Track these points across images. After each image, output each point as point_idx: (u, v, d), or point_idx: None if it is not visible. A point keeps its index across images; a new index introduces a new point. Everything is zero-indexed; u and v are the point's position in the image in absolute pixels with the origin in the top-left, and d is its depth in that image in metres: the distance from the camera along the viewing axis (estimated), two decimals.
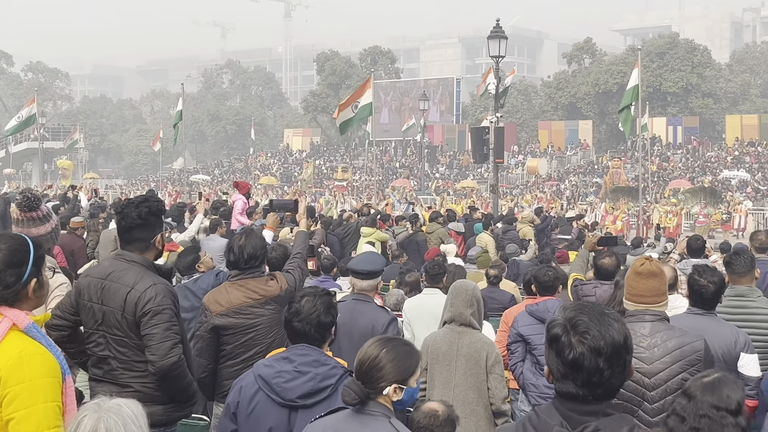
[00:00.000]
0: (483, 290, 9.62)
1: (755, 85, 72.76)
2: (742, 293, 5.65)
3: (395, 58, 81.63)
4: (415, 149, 62.76)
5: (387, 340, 3.31)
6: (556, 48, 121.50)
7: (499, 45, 23.58)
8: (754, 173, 47.59)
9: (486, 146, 23.81)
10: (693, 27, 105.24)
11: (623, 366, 2.43)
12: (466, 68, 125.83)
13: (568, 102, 65.37)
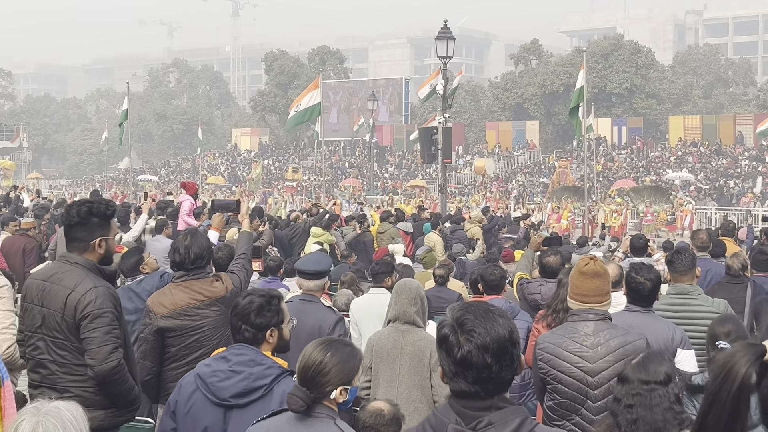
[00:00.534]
0: (430, 290, 9.68)
1: (698, 87, 74.22)
2: (684, 291, 5.75)
3: (344, 58, 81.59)
4: (365, 149, 62.83)
5: (329, 343, 3.30)
6: (504, 49, 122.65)
7: (447, 46, 23.70)
8: (696, 173, 48.52)
9: (434, 146, 23.94)
10: (637, 29, 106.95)
11: (511, 360, 2.48)
12: (414, 69, 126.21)
13: (515, 102, 65.98)
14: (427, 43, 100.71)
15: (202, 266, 5.34)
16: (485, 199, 38.95)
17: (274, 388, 3.65)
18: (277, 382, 3.67)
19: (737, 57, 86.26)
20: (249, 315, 3.82)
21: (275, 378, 3.68)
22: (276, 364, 3.76)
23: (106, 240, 4.48)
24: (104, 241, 4.47)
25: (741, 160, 50.27)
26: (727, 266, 8.05)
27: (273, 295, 3.95)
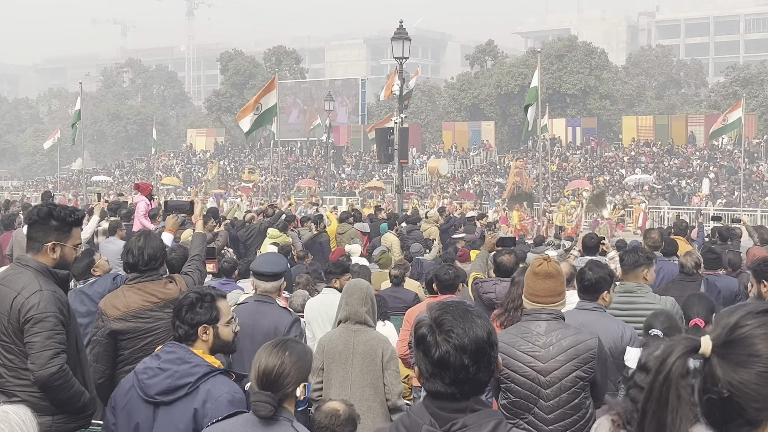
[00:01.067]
0: (387, 290, 9.72)
1: (650, 87, 75.28)
2: (631, 289, 5.85)
3: (300, 59, 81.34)
4: (321, 150, 62.70)
5: (282, 344, 3.30)
6: (460, 50, 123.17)
7: (403, 46, 23.78)
8: (649, 173, 49.18)
9: (391, 147, 23.99)
10: (591, 30, 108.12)
11: (488, 361, 2.46)
12: (371, 69, 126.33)
13: (471, 103, 66.33)
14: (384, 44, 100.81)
15: (156, 268, 5.30)
16: (444, 199, 38.83)
17: (200, 387, 3.64)
18: (204, 380, 3.66)
19: (689, 58, 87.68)
20: (180, 311, 3.83)
21: (201, 376, 3.66)
22: (204, 362, 3.73)
23: (61, 246, 4.43)
24: (58, 246, 4.42)
25: (693, 159, 51.08)
26: (680, 264, 8.19)
27: (206, 292, 3.94)
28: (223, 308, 3.92)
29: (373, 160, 54.32)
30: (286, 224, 15.30)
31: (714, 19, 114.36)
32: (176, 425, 3.63)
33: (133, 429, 3.77)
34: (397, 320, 7.80)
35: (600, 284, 5.11)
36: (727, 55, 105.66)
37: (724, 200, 42.25)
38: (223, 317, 3.88)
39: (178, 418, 3.62)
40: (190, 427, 3.60)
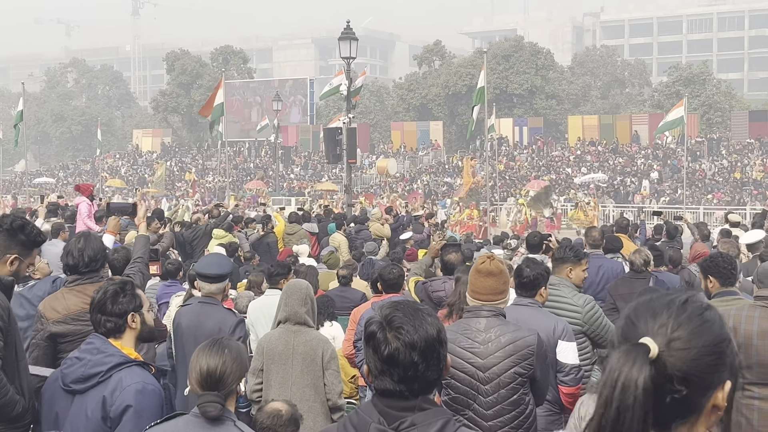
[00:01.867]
0: (334, 290, 9.73)
1: (595, 87, 76.29)
2: (552, 283, 5.96)
3: (248, 58, 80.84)
4: (270, 150, 62.41)
5: (218, 343, 3.32)
6: (408, 50, 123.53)
7: (350, 46, 23.78)
8: (595, 171, 49.85)
9: (339, 147, 23.97)
10: (537, 31, 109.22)
11: (437, 359, 2.47)
12: (319, 69, 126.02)
13: (419, 103, 66.57)
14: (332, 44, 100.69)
15: (96, 270, 5.25)
16: (406, 199, 38.81)
17: (113, 376, 3.66)
18: (117, 370, 3.67)
19: (633, 58, 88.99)
20: (105, 304, 3.83)
21: (113, 366, 3.68)
22: (120, 353, 3.75)
23: (20, 261, 4.42)
24: (17, 260, 4.41)
25: (637, 158, 51.92)
26: (630, 262, 8.34)
27: (126, 281, 3.99)
28: (142, 295, 3.98)
29: (322, 160, 54.21)
30: (231, 225, 15.21)
31: (657, 20, 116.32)
32: (85, 413, 3.65)
33: (54, 418, 3.82)
34: (345, 320, 7.82)
35: (537, 281, 5.20)
36: (670, 55, 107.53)
37: (668, 198, 43.04)
38: (144, 303, 3.94)
39: (88, 405, 3.65)
40: (98, 415, 3.61)
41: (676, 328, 1.71)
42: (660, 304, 1.78)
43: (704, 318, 1.74)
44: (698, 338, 1.71)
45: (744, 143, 50.92)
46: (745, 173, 46.43)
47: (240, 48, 79.58)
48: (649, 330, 1.73)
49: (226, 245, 13.79)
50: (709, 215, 35.40)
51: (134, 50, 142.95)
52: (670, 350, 1.69)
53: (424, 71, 70.24)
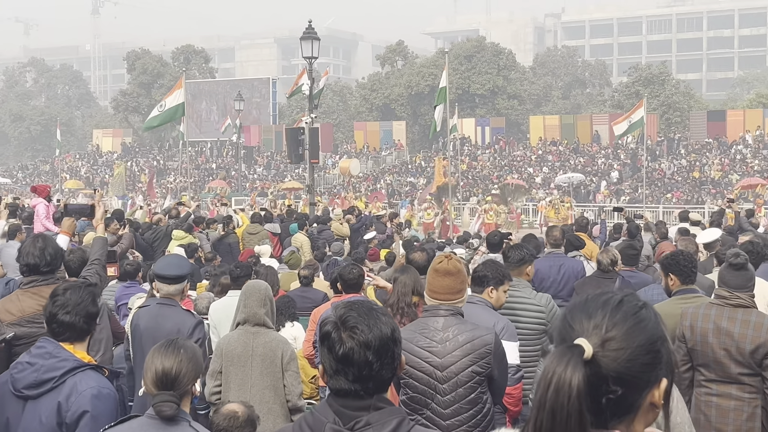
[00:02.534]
0: (295, 290, 9.69)
1: (556, 87, 76.92)
2: (511, 284, 6.00)
3: (209, 58, 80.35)
4: (232, 150, 62.07)
5: (173, 344, 3.30)
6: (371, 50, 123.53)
7: (312, 46, 23.73)
8: (556, 171, 50.26)
9: (302, 147, 23.90)
10: (499, 31, 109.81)
11: (392, 358, 2.49)
12: (282, 69, 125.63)
13: (382, 103, 66.64)
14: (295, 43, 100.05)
15: (51, 271, 5.18)
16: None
17: (67, 381, 3.63)
18: (71, 375, 3.63)
19: (593, 59, 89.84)
20: (87, 307, 3.81)
21: (68, 371, 3.65)
22: (73, 357, 3.71)
23: None
24: None
25: (597, 158, 52.41)
26: (598, 261, 8.44)
27: (82, 283, 3.98)
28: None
29: (285, 160, 54.04)
30: (191, 226, 15.09)
31: (617, 21, 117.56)
32: (39, 419, 3.60)
33: (5, 423, 3.75)
34: (307, 320, 7.79)
35: (487, 278, 5.23)
36: (630, 56, 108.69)
37: (628, 197, 43.50)
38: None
39: (42, 411, 3.60)
40: (53, 421, 3.58)
41: (611, 329, 1.71)
42: (595, 304, 1.78)
43: (639, 317, 1.75)
44: (633, 338, 1.71)
45: (702, 143, 51.62)
46: (704, 172, 47.07)
47: (202, 47, 79.11)
48: (584, 330, 1.73)
49: (185, 246, 13.68)
50: (668, 214, 35.83)
51: (94, 49, 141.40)
52: (605, 351, 1.69)
53: (387, 71, 70.32)
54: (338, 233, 17.75)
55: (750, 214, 16.23)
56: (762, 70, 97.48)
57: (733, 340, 5.21)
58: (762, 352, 5.16)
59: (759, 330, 5.16)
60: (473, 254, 14.69)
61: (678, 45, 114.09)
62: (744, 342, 5.19)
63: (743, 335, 5.19)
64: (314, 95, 25.66)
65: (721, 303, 5.34)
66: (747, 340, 5.18)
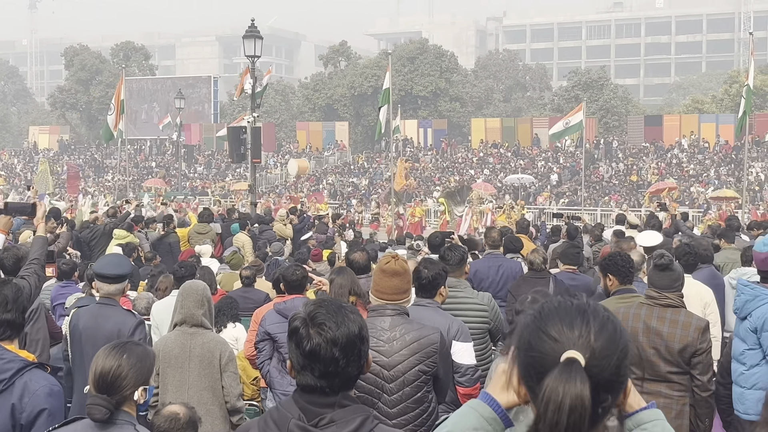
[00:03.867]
0: (237, 290, 9.66)
1: (498, 90, 77.68)
2: (451, 285, 6.08)
3: (149, 55, 79.32)
4: (172, 148, 61.39)
5: (121, 345, 3.27)
6: (313, 50, 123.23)
7: (255, 45, 23.60)
8: (496, 173, 50.79)
9: (243, 146, 23.75)
10: (441, 34, 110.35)
11: (358, 355, 2.53)
12: (224, 67, 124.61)
13: (325, 103, 66.54)
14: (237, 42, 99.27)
15: None
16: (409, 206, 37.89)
17: (16, 382, 3.57)
18: (20, 375, 3.58)
19: (534, 63, 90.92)
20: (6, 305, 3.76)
21: (16, 371, 3.59)
22: (18, 357, 3.66)
23: None
24: None
25: (538, 161, 53.08)
26: (529, 262, 8.47)
27: (6, 281, 3.91)
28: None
29: (226, 159, 53.62)
30: (131, 225, 14.91)
31: (558, 26, 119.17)
32: None
33: None
34: (249, 321, 7.77)
35: (436, 281, 5.28)
36: (569, 60, 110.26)
37: (567, 200, 44.15)
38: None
39: None
40: (8, 423, 3.52)
41: (597, 338, 1.72)
42: (570, 312, 1.77)
43: (614, 322, 1.77)
44: (615, 344, 1.73)
45: (639, 147, 52.62)
46: (641, 176, 47.99)
47: (142, 44, 78.12)
48: (570, 341, 1.72)
49: (123, 245, 13.52)
50: (606, 216, 36.45)
51: (31, 45, 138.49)
52: (595, 360, 1.70)
53: (330, 71, 70.25)
54: (281, 234, 17.71)
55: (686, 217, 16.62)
56: (698, 76, 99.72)
57: (663, 339, 5.35)
58: (690, 351, 5.31)
59: (687, 329, 5.32)
60: (416, 255, 14.78)
61: (616, 50, 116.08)
62: (673, 341, 5.33)
63: (672, 334, 5.34)
64: (257, 94, 25.53)
65: (651, 303, 5.48)
66: (676, 340, 5.33)
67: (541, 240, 15.67)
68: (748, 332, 5.38)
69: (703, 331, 5.34)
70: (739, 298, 5.52)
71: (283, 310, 6.22)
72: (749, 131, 27.31)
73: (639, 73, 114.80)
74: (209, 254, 13.25)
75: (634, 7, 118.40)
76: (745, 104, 23.89)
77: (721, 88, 63.62)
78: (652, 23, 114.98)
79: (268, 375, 6.19)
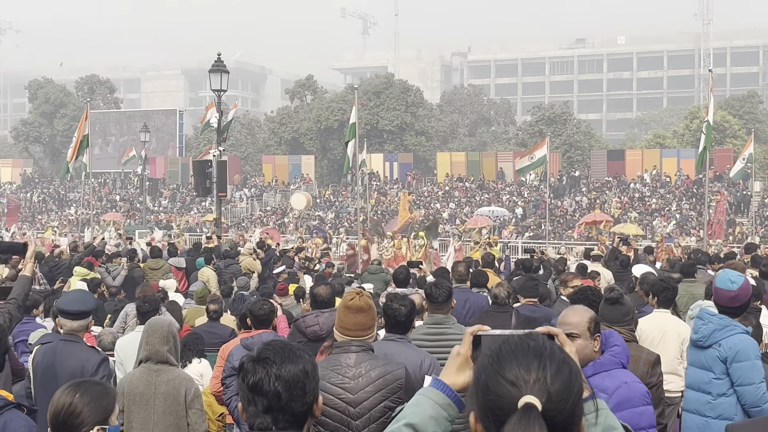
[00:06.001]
0: (203, 325, 9.59)
1: (463, 125, 78.31)
2: (440, 321, 6.10)
3: (115, 88, 79.04)
4: (136, 182, 60.96)
5: (77, 384, 3.25)
6: (280, 84, 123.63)
7: (221, 79, 23.67)
8: (462, 207, 51.06)
9: (209, 180, 23.70)
10: (407, 68, 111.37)
11: (302, 390, 2.52)
12: (189, 100, 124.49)
13: (291, 137, 66.59)
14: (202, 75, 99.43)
15: None
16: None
17: None
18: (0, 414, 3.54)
19: (498, 97, 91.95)
20: None
21: None
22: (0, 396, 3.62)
23: None
24: None
25: (502, 194, 53.45)
26: (494, 295, 8.50)
27: None
28: None
29: (191, 192, 53.36)
30: (91, 263, 14.76)
31: (521, 61, 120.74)
32: None
33: None
34: (214, 357, 7.71)
35: (412, 316, 5.27)
36: (533, 96, 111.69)
37: (532, 233, 44.43)
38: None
39: None
40: None
41: (553, 382, 1.72)
42: (526, 354, 1.77)
43: (569, 365, 1.77)
44: (571, 387, 1.74)
45: (602, 181, 53.24)
46: (604, 210, 48.47)
47: (107, 77, 77.85)
48: (526, 385, 1.73)
49: (88, 281, 13.37)
50: (570, 250, 36.72)
51: None
52: (552, 404, 1.71)
53: (296, 105, 70.40)
54: (250, 268, 17.59)
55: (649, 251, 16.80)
56: (659, 111, 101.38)
57: None
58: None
59: (637, 364, 5.35)
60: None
61: (579, 86, 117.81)
62: None
63: None
64: (222, 128, 25.54)
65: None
66: None
67: (505, 274, 15.74)
68: (716, 361, 5.42)
69: (653, 365, 5.39)
70: (706, 327, 5.55)
71: (250, 345, 6.19)
72: (710, 166, 27.72)
73: (601, 108, 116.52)
74: (173, 289, 13.16)
75: (596, 44, 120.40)
76: (705, 139, 24.27)
77: (682, 123, 64.67)
78: (614, 59, 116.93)
79: (236, 411, 6.14)
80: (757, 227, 42.03)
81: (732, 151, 52.97)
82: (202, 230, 43.25)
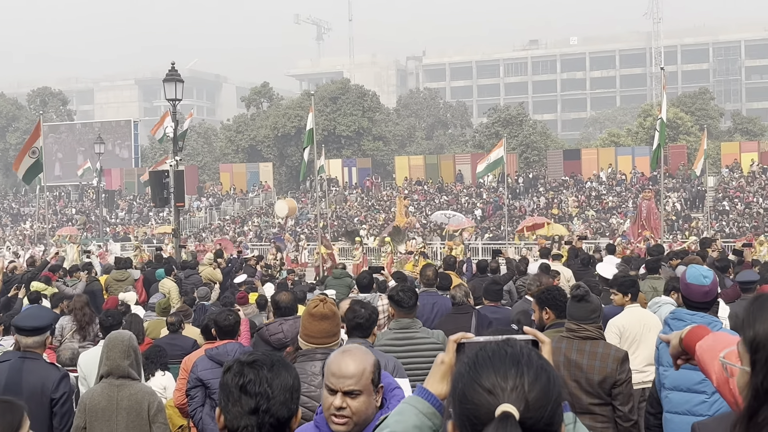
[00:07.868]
0: (164, 338, 9.47)
1: (420, 128, 78.55)
2: (407, 326, 6.09)
3: (67, 100, 78.12)
4: (92, 194, 60.23)
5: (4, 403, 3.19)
6: (235, 91, 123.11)
7: (176, 88, 23.44)
8: (421, 209, 51.18)
9: (166, 190, 23.46)
10: (362, 73, 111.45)
11: (290, 396, 2.54)
12: (144, 110, 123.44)
13: (248, 145, 66.28)
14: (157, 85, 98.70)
15: None
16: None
17: None
18: None
19: (455, 100, 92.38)
20: None
21: None
22: None
23: None
24: None
25: (461, 196, 53.69)
26: (451, 297, 8.53)
27: None
28: None
29: (148, 203, 52.85)
30: (48, 278, 14.54)
31: (476, 63, 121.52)
32: None
33: None
34: (177, 368, 7.62)
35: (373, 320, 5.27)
36: (488, 98, 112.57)
37: (491, 234, 44.67)
38: None
39: None
40: None
41: (531, 389, 1.70)
42: (503, 361, 1.75)
43: (547, 371, 1.75)
44: (549, 395, 1.72)
45: (559, 180, 53.71)
46: (562, 209, 48.92)
47: (59, 89, 77.00)
48: (503, 393, 1.70)
49: (50, 296, 13.16)
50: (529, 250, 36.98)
51: None
52: (529, 412, 1.68)
53: (252, 113, 70.12)
54: (211, 278, 17.43)
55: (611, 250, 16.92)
56: (613, 110, 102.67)
57: (582, 371, 5.43)
58: (610, 382, 5.40)
59: (605, 361, 5.41)
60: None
61: (534, 86, 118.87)
62: (592, 373, 5.41)
63: (591, 366, 5.42)
64: (178, 137, 25.29)
65: (571, 336, 5.55)
66: (595, 372, 5.41)
67: (467, 276, 15.78)
68: None
69: (621, 361, 5.43)
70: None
71: (216, 355, 6.14)
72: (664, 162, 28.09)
73: (556, 109, 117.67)
74: (134, 301, 13.00)
75: (549, 45, 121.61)
76: (659, 137, 24.59)
77: (635, 121, 65.47)
78: (567, 60, 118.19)
79: (201, 422, 6.08)
80: (712, 222, 42.65)
81: (686, 147, 53.79)
82: (161, 242, 42.82)
